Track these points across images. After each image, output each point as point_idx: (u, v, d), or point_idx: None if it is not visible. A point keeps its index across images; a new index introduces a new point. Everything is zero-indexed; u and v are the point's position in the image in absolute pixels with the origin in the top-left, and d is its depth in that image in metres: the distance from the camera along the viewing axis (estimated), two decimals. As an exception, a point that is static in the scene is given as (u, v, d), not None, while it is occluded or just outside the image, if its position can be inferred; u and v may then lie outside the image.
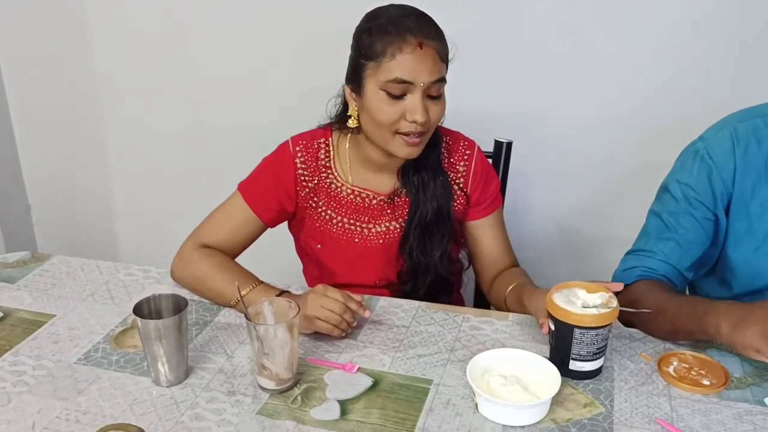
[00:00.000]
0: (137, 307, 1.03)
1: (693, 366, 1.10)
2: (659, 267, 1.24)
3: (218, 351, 1.14)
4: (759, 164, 1.17)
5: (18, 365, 1.09)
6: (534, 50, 1.85)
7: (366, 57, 1.20)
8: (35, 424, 0.96)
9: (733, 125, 1.20)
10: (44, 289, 1.32)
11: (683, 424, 0.98)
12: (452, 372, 1.09)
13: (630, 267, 1.26)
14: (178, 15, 2.10)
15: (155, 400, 1.02)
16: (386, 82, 1.18)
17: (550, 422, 0.98)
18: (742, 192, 1.19)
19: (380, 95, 1.19)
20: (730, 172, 1.18)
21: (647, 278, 1.23)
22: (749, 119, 1.20)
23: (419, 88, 1.18)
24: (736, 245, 1.22)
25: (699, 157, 1.21)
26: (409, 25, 1.18)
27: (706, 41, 1.74)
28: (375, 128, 1.23)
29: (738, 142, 1.18)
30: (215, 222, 1.33)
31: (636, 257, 1.26)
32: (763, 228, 1.19)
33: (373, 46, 1.18)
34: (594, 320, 1.03)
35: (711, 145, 1.21)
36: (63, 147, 2.38)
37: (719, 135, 1.21)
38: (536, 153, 1.88)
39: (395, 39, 1.17)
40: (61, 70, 2.27)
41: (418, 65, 1.17)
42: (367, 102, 1.21)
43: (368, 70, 1.20)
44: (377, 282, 1.38)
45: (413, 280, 1.36)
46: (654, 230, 1.26)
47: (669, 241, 1.23)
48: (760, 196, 1.18)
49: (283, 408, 1.00)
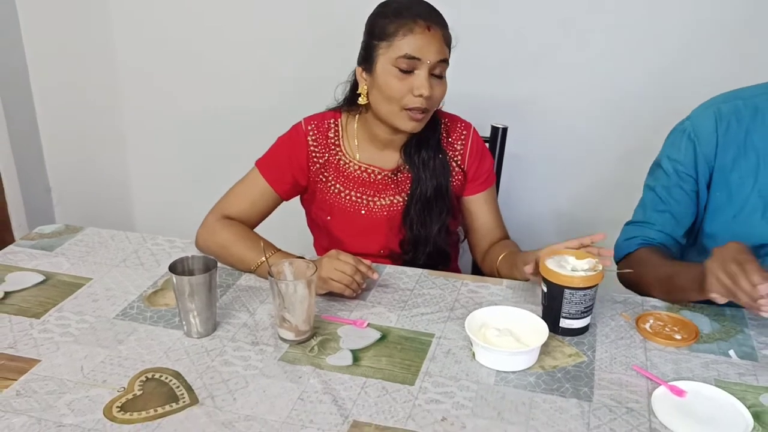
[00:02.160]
0: (172, 266, 1.15)
1: (667, 323, 1.23)
2: (657, 236, 1.40)
3: (241, 309, 1.26)
4: (739, 140, 1.32)
5: (62, 320, 1.21)
6: (530, 41, 1.98)
7: (379, 38, 1.34)
8: (83, 367, 1.08)
9: (717, 106, 1.35)
10: (80, 256, 1.44)
11: (656, 371, 1.11)
12: (452, 327, 1.22)
13: (632, 236, 1.42)
14: (194, 7, 2.23)
15: (188, 348, 1.14)
16: (397, 58, 1.32)
17: (538, 368, 1.11)
18: (723, 165, 1.34)
19: (391, 71, 1.33)
20: (713, 148, 1.34)
21: (647, 245, 1.39)
22: (731, 101, 1.35)
23: (426, 65, 1.31)
24: (716, 214, 1.37)
25: (686, 136, 1.36)
26: (420, 11, 1.33)
27: (693, 32, 1.87)
28: (384, 103, 1.36)
29: (720, 120, 1.34)
30: (235, 195, 1.46)
31: (636, 227, 1.43)
32: (742, 196, 1.33)
33: (386, 28, 1.33)
34: (582, 281, 1.16)
35: (696, 123, 1.36)
36: (82, 131, 2.51)
37: (704, 114, 1.36)
38: (531, 138, 2.01)
39: (407, 21, 1.31)
40: (83, 59, 2.39)
41: (427, 44, 1.31)
42: (378, 78, 1.35)
43: (380, 50, 1.34)
44: (381, 251, 1.51)
45: (413, 251, 1.49)
46: (650, 203, 1.42)
47: (664, 213, 1.40)
48: (739, 168, 1.33)
49: (302, 355, 1.13)
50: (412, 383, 1.06)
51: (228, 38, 2.25)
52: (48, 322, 1.20)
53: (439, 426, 0.97)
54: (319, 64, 2.13)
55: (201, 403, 1.01)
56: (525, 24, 1.97)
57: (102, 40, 2.35)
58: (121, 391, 1.03)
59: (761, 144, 1.31)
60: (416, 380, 1.07)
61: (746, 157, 1.32)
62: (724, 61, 1.86)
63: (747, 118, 1.33)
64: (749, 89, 1.36)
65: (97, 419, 0.97)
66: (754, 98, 1.33)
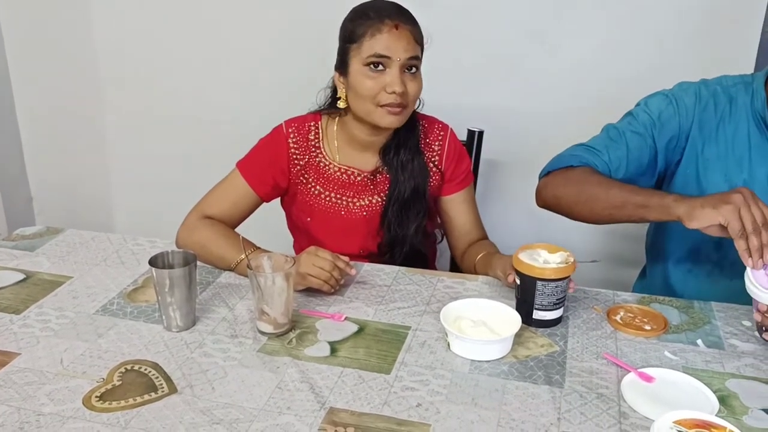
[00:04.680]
0: (152, 260, 1.17)
1: (637, 315, 1.26)
2: (601, 166, 1.40)
3: (221, 305, 1.28)
4: (712, 125, 1.38)
5: (43, 315, 1.22)
6: (503, 50, 2.03)
7: (350, 41, 1.38)
8: (63, 360, 1.10)
9: (698, 86, 1.41)
10: (61, 255, 1.45)
11: (626, 359, 1.14)
12: (428, 321, 1.24)
13: (578, 154, 1.42)
14: (178, 14, 2.26)
15: (167, 341, 1.16)
16: (367, 58, 1.36)
17: (511, 358, 1.13)
18: (695, 145, 1.39)
19: (363, 71, 1.37)
20: (689, 123, 1.39)
21: (590, 167, 1.39)
22: (711, 85, 1.41)
23: (396, 63, 1.35)
24: (684, 191, 1.39)
25: (668, 99, 1.41)
26: (388, 11, 1.37)
27: (660, 35, 1.94)
28: (360, 102, 1.39)
29: (700, 100, 1.39)
30: (216, 196, 1.48)
31: (585, 150, 1.43)
32: (707, 181, 1.38)
33: (356, 30, 1.37)
34: (554, 273, 1.19)
35: (679, 95, 1.41)
36: (64, 139, 2.51)
37: (687, 90, 1.41)
38: (507, 142, 2.05)
39: (375, 22, 1.36)
40: (64, 67, 2.41)
41: (395, 43, 1.35)
42: (352, 79, 1.39)
43: (352, 52, 1.38)
44: (360, 252, 1.53)
45: (391, 251, 1.52)
46: (608, 137, 1.43)
47: (618, 150, 1.40)
48: (708, 153, 1.38)
49: (281, 347, 1.15)
50: (388, 372, 1.08)
51: (209, 43, 2.28)
52: (28, 317, 1.22)
53: (414, 411, 0.99)
54: (302, 70, 2.16)
55: (180, 392, 1.02)
56: (498, 35, 2.03)
57: (83, 47, 2.37)
58: (100, 382, 1.04)
59: (731, 132, 1.37)
60: (392, 369, 1.09)
61: (716, 143, 1.37)
62: (691, 68, 1.91)
63: (722, 105, 1.38)
64: (728, 78, 1.42)
65: (77, 408, 0.98)
66: (731, 88, 1.39)
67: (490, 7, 2.01)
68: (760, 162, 1.36)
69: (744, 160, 1.37)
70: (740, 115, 1.38)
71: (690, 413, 0.87)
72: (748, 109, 1.37)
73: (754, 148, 1.37)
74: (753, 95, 1.37)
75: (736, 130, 1.37)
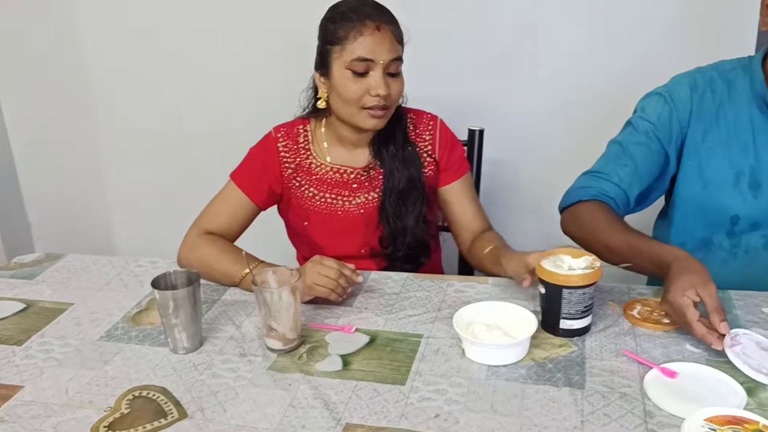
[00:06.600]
0: (155, 282, 1.14)
1: (655, 309, 1.23)
2: (612, 190, 1.37)
3: (227, 323, 1.25)
4: (711, 112, 1.35)
5: (46, 345, 1.19)
6: (495, 45, 2.01)
7: (331, 42, 1.36)
8: (68, 390, 1.06)
9: (692, 76, 1.39)
10: (61, 282, 1.42)
11: (647, 355, 1.10)
12: (440, 327, 1.21)
13: (586, 186, 1.39)
14: (165, 29, 2.24)
15: (175, 364, 1.13)
16: (350, 62, 1.34)
17: (529, 360, 1.10)
18: (695, 135, 1.36)
19: (346, 74, 1.35)
20: (687, 115, 1.36)
21: (600, 200, 1.36)
22: (707, 72, 1.38)
23: (380, 66, 1.34)
24: (686, 184, 1.38)
25: (662, 99, 1.38)
26: (368, 11, 1.35)
27: (655, 30, 1.90)
28: (343, 105, 1.38)
29: (696, 90, 1.36)
30: (214, 210, 1.46)
31: (593, 178, 1.40)
32: (712, 168, 1.36)
33: (337, 32, 1.35)
34: (580, 280, 1.13)
35: (673, 90, 1.39)
36: (59, 164, 2.49)
37: (681, 83, 1.39)
38: (507, 140, 2.02)
39: (356, 24, 1.33)
40: (56, 88, 2.39)
41: (378, 45, 1.33)
42: (335, 82, 1.37)
43: (334, 54, 1.36)
44: (362, 250, 1.51)
45: (392, 244, 1.49)
46: (613, 155, 1.41)
47: (626, 167, 1.38)
48: (709, 140, 1.35)
49: (291, 364, 1.11)
50: (403, 383, 1.05)
51: (199, 57, 2.26)
52: (30, 348, 1.18)
53: (433, 423, 0.96)
54: (291, 79, 2.14)
55: (190, 416, 0.99)
56: (493, 31, 2.00)
57: (75, 68, 2.35)
58: (108, 411, 1.01)
59: (732, 117, 1.34)
60: (407, 380, 1.06)
61: (718, 129, 1.35)
62: (687, 59, 1.89)
63: (720, 91, 1.36)
64: (725, 63, 1.39)
65: (85, 439, 0.95)
66: (728, 72, 1.37)
67: (480, 2, 1.98)
68: (765, 146, 1.33)
69: (749, 144, 1.34)
70: (740, 98, 1.35)
71: (721, 409, 0.84)
72: (748, 92, 1.34)
73: (758, 131, 1.34)
74: (752, 77, 1.34)
75: (738, 114, 1.35)
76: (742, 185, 1.34)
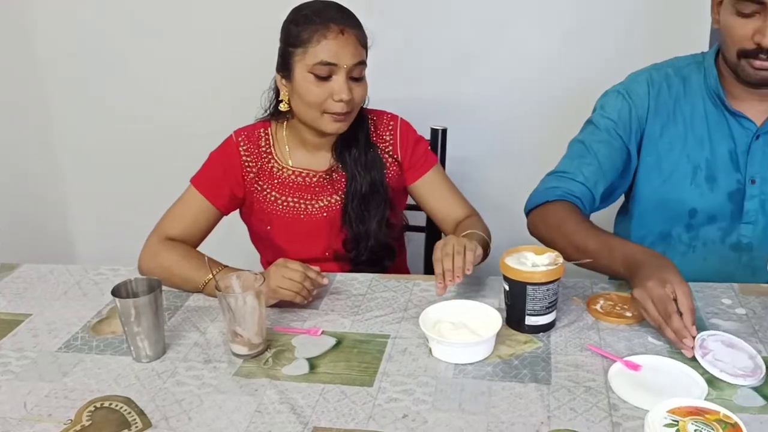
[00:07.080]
0: (115, 290, 1.12)
1: (617, 303, 1.24)
2: (578, 189, 1.38)
3: (191, 329, 1.23)
4: (668, 107, 1.38)
5: (2, 358, 1.16)
6: (461, 46, 2.01)
7: (294, 45, 1.34)
8: (27, 403, 1.03)
9: (649, 72, 1.42)
10: (17, 292, 1.38)
11: (611, 349, 1.12)
12: (407, 327, 1.21)
13: (552, 186, 1.40)
14: (127, 30, 2.20)
15: (138, 373, 1.10)
16: (313, 65, 1.32)
17: (495, 358, 1.10)
18: (653, 131, 1.39)
19: (308, 78, 1.34)
20: (645, 111, 1.39)
21: (566, 200, 1.37)
22: (663, 68, 1.42)
23: (343, 70, 1.33)
24: (646, 179, 1.41)
25: (621, 96, 1.41)
26: (332, 14, 1.33)
27: (614, 29, 1.94)
28: (305, 109, 1.37)
29: (652, 86, 1.40)
30: (175, 215, 1.43)
31: (558, 178, 1.41)
32: (670, 162, 1.38)
33: (300, 35, 1.33)
34: (544, 276, 1.14)
35: (630, 87, 1.41)
36: (14, 156, 2.40)
37: (638, 80, 1.42)
38: (470, 138, 2.03)
39: (320, 27, 1.32)
40: (10, 81, 2.32)
41: (341, 49, 1.32)
42: (297, 86, 1.35)
43: (296, 57, 1.34)
44: (326, 253, 1.50)
45: (356, 248, 1.48)
46: (577, 154, 1.42)
47: (590, 165, 1.39)
48: (668, 135, 1.38)
49: (257, 369, 1.10)
50: (370, 384, 1.05)
51: (162, 59, 2.22)
52: (-14, 362, 1.15)
53: (401, 423, 0.96)
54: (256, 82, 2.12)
55: (155, 426, 0.97)
56: (459, 31, 2.01)
57: (31, 65, 2.30)
58: (68, 424, 0.98)
59: (689, 112, 1.37)
60: (374, 381, 1.06)
61: (675, 124, 1.38)
62: (647, 57, 1.92)
63: (676, 86, 1.39)
64: (680, 59, 1.43)
65: (45, 454, 0.93)
66: (683, 68, 1.40)
67: (444, 4, 1.99)
68: (720, 140, 1.37)
69: (704, 139, 1.37)
70: (695, 94, 1.38)
71: (682, 401, 0.85)
72: (703, 88, 1.38)
73: (712, 126, 1.37)
74: (705, 73, 1.38)
75: (693, 109, 1.38)
76: (699, 179, 1.37)
